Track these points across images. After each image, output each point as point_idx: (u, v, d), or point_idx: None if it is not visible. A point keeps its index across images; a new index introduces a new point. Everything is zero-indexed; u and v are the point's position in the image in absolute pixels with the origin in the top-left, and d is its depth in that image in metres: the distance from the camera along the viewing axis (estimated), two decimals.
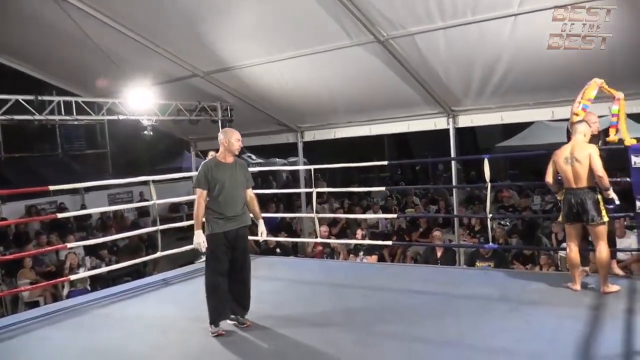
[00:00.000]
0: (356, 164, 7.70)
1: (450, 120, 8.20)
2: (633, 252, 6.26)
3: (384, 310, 4.74)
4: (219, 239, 4.34)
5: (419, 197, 13.42)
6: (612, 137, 5.03)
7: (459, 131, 8.33)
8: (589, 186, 4.58)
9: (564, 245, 7.57)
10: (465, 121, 8.20)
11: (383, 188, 11.47)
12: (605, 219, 4.59)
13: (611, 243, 5.02)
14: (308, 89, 8.38)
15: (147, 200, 10.34)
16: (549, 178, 4.84)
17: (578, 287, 4.76)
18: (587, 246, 5.10)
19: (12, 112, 7.15)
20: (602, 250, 4.60)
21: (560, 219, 4.88)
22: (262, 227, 4.70)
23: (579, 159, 4.56)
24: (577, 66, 6.37)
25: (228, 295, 4.40)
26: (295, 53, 7.38)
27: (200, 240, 4.31)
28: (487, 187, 6.06)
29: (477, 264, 6.83)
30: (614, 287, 4.61)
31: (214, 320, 4.32)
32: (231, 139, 4.42)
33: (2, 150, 16.51)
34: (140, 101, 8.18)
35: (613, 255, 5.19)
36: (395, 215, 9.46)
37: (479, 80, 7.15)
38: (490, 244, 6.61)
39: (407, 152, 21.81)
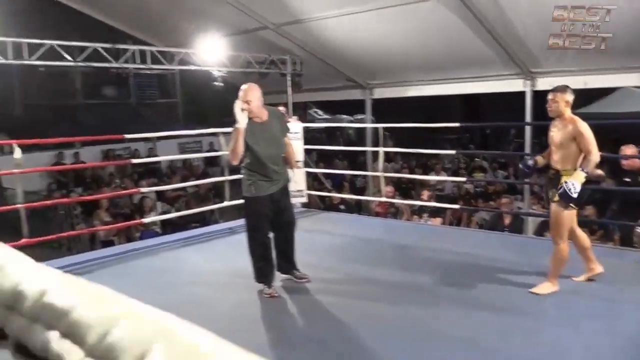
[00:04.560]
0: (427, 125, 7.45)
1: (528, 82, 7.80)
2: None
3: (448, 273, 4.68)
4: (264, 202, 4.14)
5: (488, 161, 13.04)
6: None
7: (534, 95, 7.90)
8: None
9: None
10: (544, 84, 7.75)
11: (454, 152, 11.15)
12: None
13: None
14: (380, 44, 8.17)
15: (217, 151, 10.59)
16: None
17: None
18: None
19: (90, 59, 7.41)
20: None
21: (575, 205, 3.92)
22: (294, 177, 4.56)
23: None
24: None
25: (272, 254, 4.28)
26: (369, 7, 7.18)
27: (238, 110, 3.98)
28: None
29: (547, 234, 6.57)
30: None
31: (264, 282, 4.19)
32: (252, 97, 4.01)
33: (82, 97, 17.23)
34: (211, 52, 8.26)
35: None
36: (464, 179, 9.25)
37: None
38: None
39: (475, 114, 21.05)
